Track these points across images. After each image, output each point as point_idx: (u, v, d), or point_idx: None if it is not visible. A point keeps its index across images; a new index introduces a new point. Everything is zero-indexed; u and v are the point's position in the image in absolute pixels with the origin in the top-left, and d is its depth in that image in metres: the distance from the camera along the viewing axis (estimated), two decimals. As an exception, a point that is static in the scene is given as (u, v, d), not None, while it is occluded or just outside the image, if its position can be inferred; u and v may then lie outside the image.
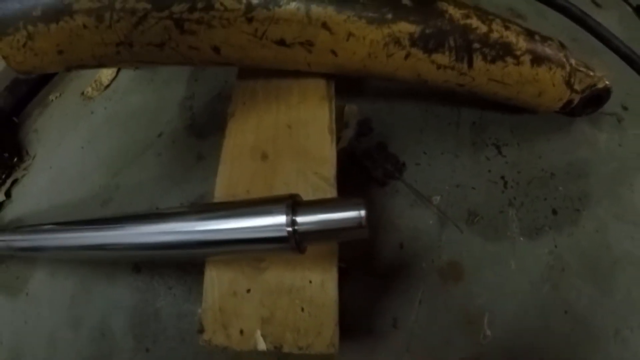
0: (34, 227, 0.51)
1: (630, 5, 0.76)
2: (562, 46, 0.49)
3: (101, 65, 0.43)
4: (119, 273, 0.51)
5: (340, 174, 0.38)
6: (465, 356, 0.42)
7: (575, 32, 0.65)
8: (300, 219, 0.27)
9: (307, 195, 0.32)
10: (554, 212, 0.49)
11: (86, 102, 0.63)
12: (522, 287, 0.44)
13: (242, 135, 0.38)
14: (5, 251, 0.57)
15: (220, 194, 0.36)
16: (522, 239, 0.46)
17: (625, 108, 0.59)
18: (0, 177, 0.64)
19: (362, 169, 0.44)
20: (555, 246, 0.47)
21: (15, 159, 0.65)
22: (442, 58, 0.39)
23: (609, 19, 0.68)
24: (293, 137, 0.37)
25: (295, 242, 0.27)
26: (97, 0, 0.37)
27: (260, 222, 0.28)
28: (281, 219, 0.27)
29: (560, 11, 0.67)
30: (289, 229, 0.27)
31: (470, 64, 0.41)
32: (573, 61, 0.49)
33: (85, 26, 0.38)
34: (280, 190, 0.35)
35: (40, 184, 0.62)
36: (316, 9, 0.34)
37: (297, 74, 0.41)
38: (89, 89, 0.63)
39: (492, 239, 0.45)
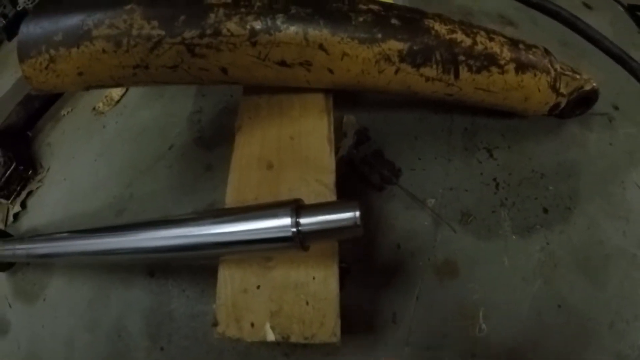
0: (51, 235, 0.56)
1: (622, 5, 0.81)
2: (546, 52, 0.54)
3: (118, 85, 0.49)
4: (134, 277, 0.56)
5: (340, 180, 0.43)
6: (462, 349, 0.47)
7: (566, 36, 0.71)
8: (303, 221, 0.33)
9: (309, 200, 0.38)
10: (545, 210, 0.54)
11: (98, 117, 0.69)
12: (516, 283, 0.49)
13: (249, 147, 0.44)
14: (22, 259, 0.63)
15: (230, 200, 0.41)
16: (514, 237, 0.51)
17: (616, 108, 0.63)
18: (15, 189, 0.71)
19: (360, 176, 0.50)
20: (547, 243, 0.52)
21: (30, 172, 0.71)
22: (429, 71, 0.45)
23: (601, 20, 0.73)
24: (295, 148, 0.43)
25: (299, 241, 0.33)
26: (115, 27, 0.43)
27: (267, 224, 0.33)
28: (286, 221, 0.32)
29: (551, 15, 0.73)
30: (294, 229, 0.32)
31: (457, 75, 0.46)
32: (558, 66, 0.54)
33: (104, 51, 0.44)
34: (285, 196, 0.40)
35: (55, 195, 0.68)
36: (313, 32, 0.40)
37: (297, 89, 0.46)
38: (100, 104, 0.69)
39: (485, 237, 0.50)
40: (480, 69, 0.47)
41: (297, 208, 0.33)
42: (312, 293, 0.37)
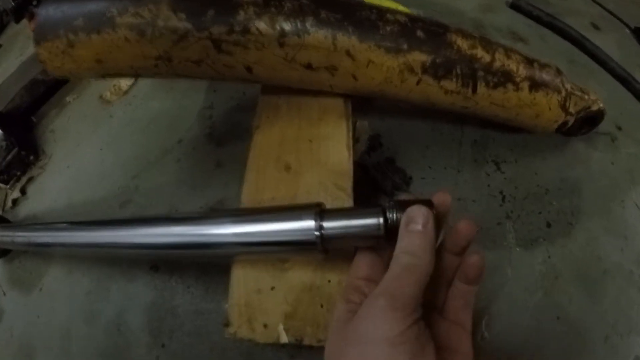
0: (54, 224, 0.55)
1: (628, 27, 0.84)
2: (559, 72, 0.56)
3: (137, 75, 0.49)
4: (136, 271, 0.55)
5: (354, 186, 0.43)
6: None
7: (574, 55, 0.73)
8: (326, 224, 0.33)
9: (326, 204, 0.38)
10: (548, 225, 0.55)
11: (105, 106, 0.67)
12: (518, 293, 0.50)
13: (267, 147, 0.44)
14: (22, 247, 0.61)
15: (247, 199, 0.41)
16: (517, 249, 0.52)
17: (619, 128, 0.65)
18: (15, 173, 0.69)
19: (372, 181, 0.50)
20: (549, 256, 0.54)
21: (32, 157, 0.70)
22: (449, 84, 0.45)
23: (608, 42, 0.76)
24: (314, 151, 0.43)
25: (321, 245, 0.33)
26: (140, 16, 0.42)
27: (291, 226, 0.33)
28: (310, 223, 0.33)
29: (560, 34, 0.75)
30: (317, 233, 0.33)
31: (475, 90, 0.47)
32: (569, 86, 0.56)
33: (126, 39, 0.43)
34: (303, 198, 0.40)
35: (58, 183, 0.66)
36: (341, 38, 0.40)
37: (317, 92, 0.47)
38: (108, 94, 0.68)
39: (489, 248, 0.51)
40: (497, 85, 0.48)
41: (320, 212, 0.34)
42: (327, 296, 0.38)
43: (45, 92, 0.74)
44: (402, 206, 0.32)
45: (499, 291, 0.49)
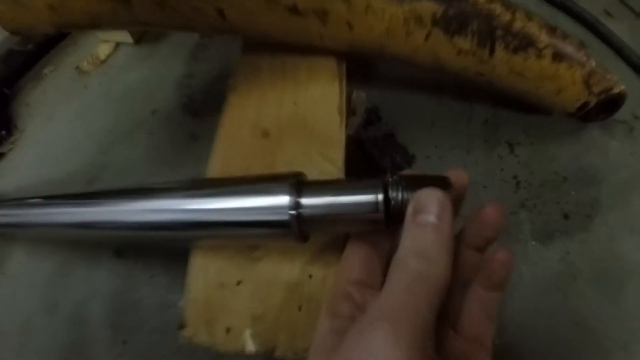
0: (11, 202, 0.44)
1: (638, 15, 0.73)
2: (582, 44, 0.45)
3: (96, 25, 0.38)
4: (99, 256, 0.45)
5: (346, 162, 0.33)
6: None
7: (586, 39, 0.61)
8: (305, 201, 0.22)
9: (312, 179, 0.27)
10: (566, 216, 0.44)
11: (81, 77, 0.56)
12: (534, 295, 0.39)
13: (242, 110, 0.33)
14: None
15: (213, 171, 0.30)
16: (534, 243, 0.41)
17: (636, 117, 0.55)
18: (-15, 150, 0.58)
19: (369, 159, 0.39)
20: (567, 253, 0.43)
21: (3, 132, 0.58)
22: (463, 42, 0.34)
23: (621, 29, 0.64)
24: (299, 115, 0.32)
25: (297, 228, 0.22)
26: (90, -49, 0.32)
27: (258, 203, 0.22)
28: (283, 199, 0.22)
29: (573, 16, 0.63)
30: (292, 212, 0.21)
31: (492, 51, 0.36)
32: (593, 62, 0.45)
33: (76, -21, 0.32)
34: (283, 170, 0.29)
35: (27, 159, 0.55)
36: (334, -27, 0.29)
37: (306, 51, 0.36)
38: (85, 64, 0.57)
39: (504, 241, 0.40)
40: (517, 49, 0.37)
41: (298, 184, 0.23)
42: (307, 296, 0.27)
43: (22, 64, 0.63)
44: (410, 184, 0.21)
45: (513, 292, 0.39)
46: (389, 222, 0.21)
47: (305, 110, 0.32)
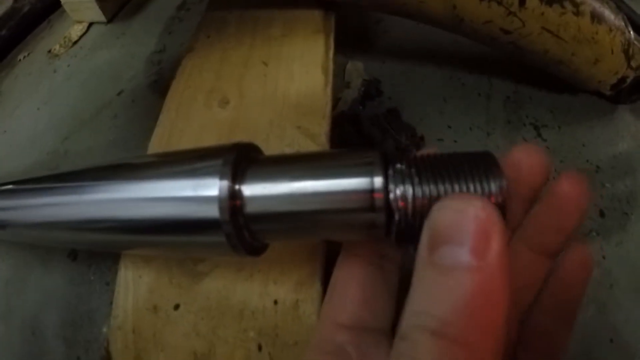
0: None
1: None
2: (620, 8, 0.34)
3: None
4: (54, 258, 0.35)
5: (337, 143, 0.22)
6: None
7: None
8: (250, 189, 0.11)
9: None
10: (602, 214, 0.33)
11: (51, 61, 0.47)
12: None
13: (198, 74, 0.23)
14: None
15: (154, 148, 0.20)
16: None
17: (669, 101, 0.43)
18: (-46, 142, 0.48)
19: (367, 140, 0.29)
20: (604, 257, 0.32)
21: (-27, 123, 0.49)
22: (488, -17, 0.24)
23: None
24: (269, 77, 0.22)
25: (236, 235, 0.11)
26: None
27: (176, 191, 0.12)
28: (210, 185, 0.11)
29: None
30: (224, 204, 0.11)
31: (523, 1, 0.25)
32: (631, 29, 0.34)
33: None
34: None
35: (-8, 151, 0.46)
36: None
37: (284, 4, 0.25)
38: (57, 46, 0.48)
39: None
40: (552, 1, 0.26)
41: (238, 161, 0.12)
42: (271, 329, 0.16)
43: (-3, 50, 0.53)
44: (429, 176, 0.10)
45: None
46: (392, 227, 0.11)
47: (278, 70, 0.22)
